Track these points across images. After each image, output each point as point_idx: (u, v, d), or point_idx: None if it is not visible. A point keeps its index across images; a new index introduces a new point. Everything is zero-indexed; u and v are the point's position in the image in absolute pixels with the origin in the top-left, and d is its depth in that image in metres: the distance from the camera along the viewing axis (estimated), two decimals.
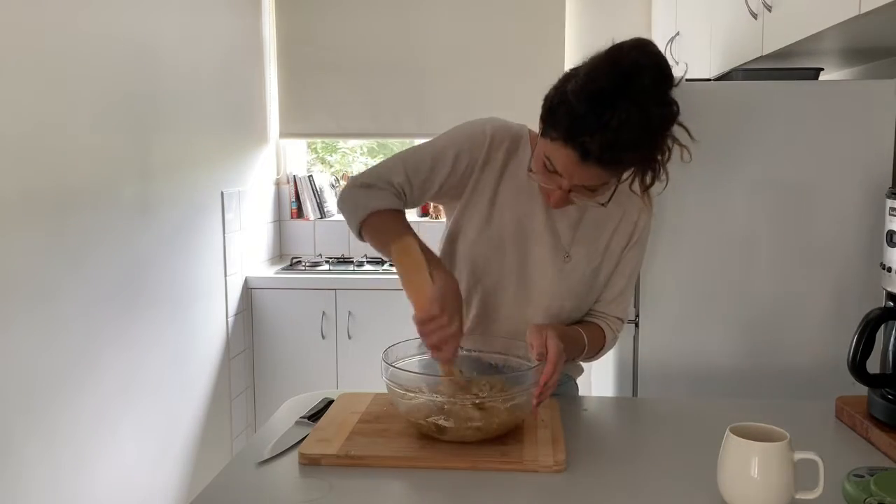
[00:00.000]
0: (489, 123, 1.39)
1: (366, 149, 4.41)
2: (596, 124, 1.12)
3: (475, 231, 1.38)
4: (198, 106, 2.92)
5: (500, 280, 1.39)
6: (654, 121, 1.15)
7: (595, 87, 1.13)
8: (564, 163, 1.18)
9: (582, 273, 1.39)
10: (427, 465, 1.13)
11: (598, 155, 1.14)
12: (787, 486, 0.95)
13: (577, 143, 1.14)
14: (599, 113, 1.11)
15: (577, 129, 1.14)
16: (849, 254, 2.03)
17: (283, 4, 3.70)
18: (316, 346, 3.33)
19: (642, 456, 1.21)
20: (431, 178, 1.35)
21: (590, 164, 1.16)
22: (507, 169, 1.37)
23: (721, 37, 2.44)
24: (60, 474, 2.11)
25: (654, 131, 1.16)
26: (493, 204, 1.38)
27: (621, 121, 1.11)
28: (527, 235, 1.38)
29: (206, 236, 3.00)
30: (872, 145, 2.00)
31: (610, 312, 1.46)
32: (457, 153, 1.35)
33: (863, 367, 1.24)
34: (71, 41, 2.15)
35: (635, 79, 1.12)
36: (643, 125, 1.13)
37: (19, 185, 1.95)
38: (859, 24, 1.61)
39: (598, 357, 1.48)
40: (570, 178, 1.21)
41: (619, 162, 1.17)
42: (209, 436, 3.00)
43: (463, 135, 1.37)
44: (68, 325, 2.14)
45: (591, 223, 1.40)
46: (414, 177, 1.35)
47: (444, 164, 1.35)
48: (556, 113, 1.18)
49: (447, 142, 1.37)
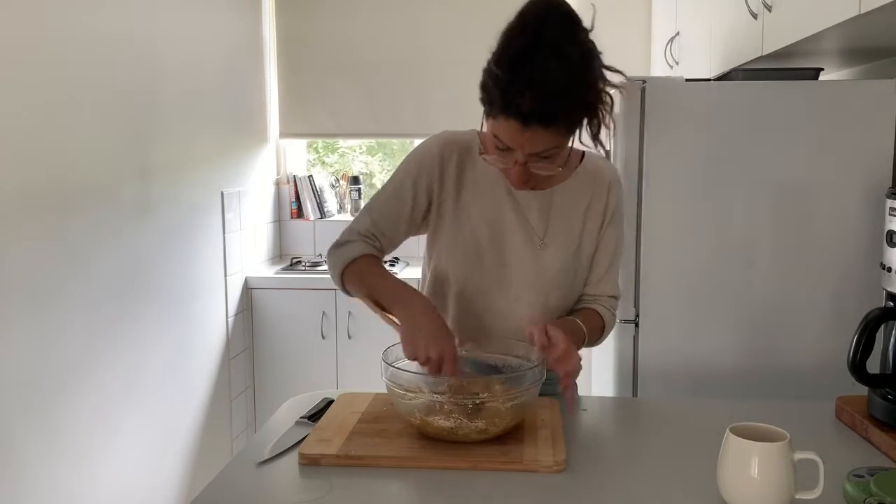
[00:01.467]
0: (436, 140, 1.42)
1: (365, 147, 4.41)
2: (523, 84, 1.15)
3: (449, 245, 1.41)
4: (198, 106, 2.92)
5: (483, 284, 1.41)
6: (575, 62, 1.18)
7: (511, 51, 1.17)
8: (510, 135, 1.21)
9: (562, 261, 1.40)
10: (427, 465, 1.13)
11: (534, 113, 1.16)
12: (787, 486, 0.95)
13: (512, 110, 1.17)
14: (522, 72, 1.15)
15: (508, 96, 1.16)
16: (849, 254, 2.03)
17: (283, 4, 3.70)
18: (316, 346, 3.33)
19: (642, 456, 1.21)
20: (397, 214, 1.41)
21: (532, 127, 1.18)
22: (464, 177, 1.41)
23: (721, 37, 2.44)
24: (61, 474, 2.11)
25: (578, 73, 1.18)
26: (459, 214, 1.41)
27: (544, 72, 1.14)
28: (500, 235, 1.40)
29: (206, 236, 3.00)
30: (872, 145, 2.00)
31: (601, 293, 1.47)
32: (413, 181, 1.40)
33: (863, 367, 1.24)
34: (71, 41, 2.15)
35: (544, 30, 1.16)
36: (565, 69, 1.16)
37: (19, 185, 1.95)
38: (859, 24, 1.61)
39: (601, 340, 1.48)
40: (521, 149, 1.23)
41: (556, 115, 1.18)
42: (209, 436, 3.00)
43: (413, 162, 1.42)
44: (68, 325, 2.14)
45: (560, 210, 1.41)
46: (379, 219, 1.41)
47: (404, 196, 1.40)
48: (487, 90, 1.21)
49: (402, 174, 1.42)
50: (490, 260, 1.40)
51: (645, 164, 2.06)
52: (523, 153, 1.23)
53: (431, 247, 1.46)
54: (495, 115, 1.21)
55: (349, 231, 1.43)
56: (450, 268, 1.41)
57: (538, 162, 1.25)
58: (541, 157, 1.24)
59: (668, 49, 3.06)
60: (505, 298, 1.41)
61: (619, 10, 3.60)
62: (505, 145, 1.23)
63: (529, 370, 1.22)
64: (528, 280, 1.40)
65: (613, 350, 2.14)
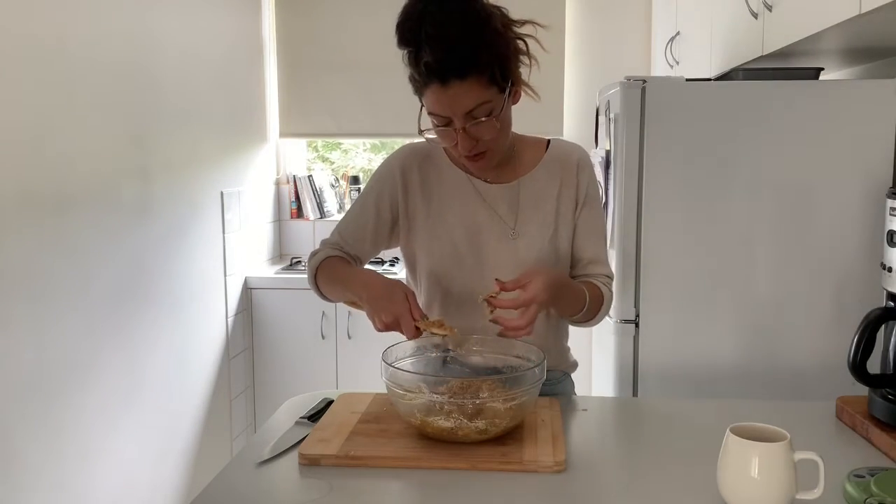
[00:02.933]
0: (396, 155, 1.49)
1: (368, 145, 4.41)
2: (425, 43, 1.21)
3: (426, 250, 1.44)
4: (198, 106, 2.92)
5: (465, 284, 1.42)
6: (466, 11, 1.22)
7: (406, 21, 1.23)
8: (437, 101, 1.25)
9: (539, 248, 1.41)
10: (427, 465, 1.13)
11: (444, 66, 1.21)
12: (788, 486, 0.95)
13: (429, 74, 1.23)
14: (418, 35, 1.22)
15: (423, 65, 1.23)
16: (849, 254, 2.03)
17: (283, 4, 3.70)
18: (316, 346, 3.33)
19: (642, 456, 1.21)
20: (362, 229, 1.48)
21: (451, 83, 1.22)
22: (430, 184, 1.45)
23: (721, 37, 2.44)
24: (61, 474, 2.11)
25: (471, 18, 1.22)
26: (433, 221, 1.43)
27: (436, 25, 1.20)
28: (476, 234, 1.42)
29: (206, 236, 2.99)
30: (872, 145, 2.00)
31: (593, 272, 1.46)
32: (376, 196, 1.47)
33: (863, 367, 1.24)
34: (71, 41, 2.15)
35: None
36: (457, 17, 1.21)
37: (19, 186, 1.95)
38: (859, 24, 1.61)
39: (599, 317, 1.45)
40: (454, 113, 1.26)
41: (464, 62, 1.21)
42: (209, 436, 3.00)
43: (376, 179, 1.49)
44: (68, 324, 2.14)
45: (530, 198, 1.43)
46: (345, 232, 1.49)
47: (367, 212, 1.47)
48: (412, 77, 1.29)
49: (367, 189, 1.50)
50: (470, 260, 1.42)
51: (645, 164, 2.06)
52: (458, 117, 1.26)
53: (409, 257, 1.49)
54: (422, 91, 1.27)
55: (321, 243, 1.51)
56: (432, 274, 1.43)
57: (477, 126, 1.28)
58: (475, 119, 1.27)
59: (668, 49, 3.06)
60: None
61: (619, 10, 3.60)
62: (443, 120, 1.28)
63: (529, 370, 1.22)
64: (508, 272, 1.39)
65: (613, 350, 2.14)
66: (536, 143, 1.48)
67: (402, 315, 1.24)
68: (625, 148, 2.07)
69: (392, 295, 1.28)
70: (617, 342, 2.13)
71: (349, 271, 1.42)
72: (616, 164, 2.10)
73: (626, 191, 2.08)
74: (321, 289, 1.46)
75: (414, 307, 1.26)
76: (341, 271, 1.43)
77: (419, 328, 1.25)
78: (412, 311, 1.25)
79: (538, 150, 1.46)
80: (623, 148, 2.08)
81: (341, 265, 1.44)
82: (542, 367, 1.22)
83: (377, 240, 1.49)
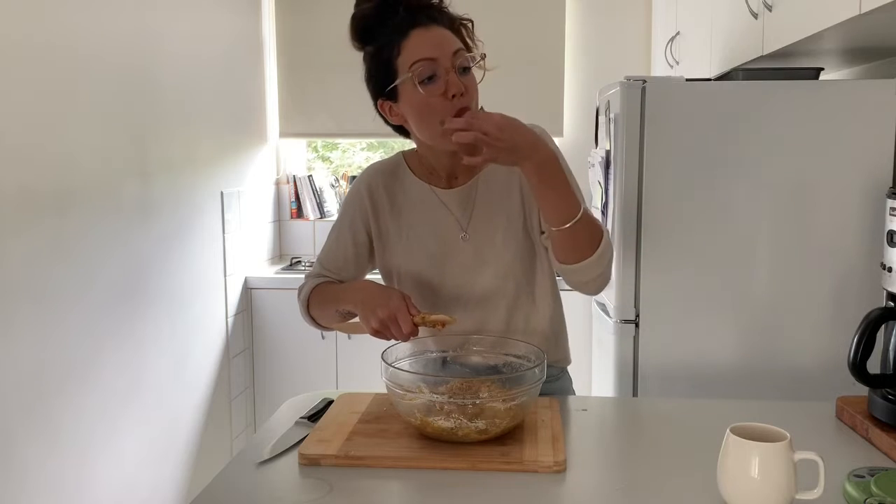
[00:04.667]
0: (361, 177, 1.49)
1: (366, 144, 4.41)
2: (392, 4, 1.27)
3: (404, 264, 1.43)
4: (197, 106, 2.92)
5: (453, 291, 1.41)
6: None
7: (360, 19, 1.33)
8: (424, 42, 1.26)
9: (515, 238, 1.39)
10: (427, 465, 1.12)
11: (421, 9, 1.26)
12: (788, 486, 0.95)
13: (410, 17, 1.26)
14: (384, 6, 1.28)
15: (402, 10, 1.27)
16: (849, 254, 2.03)
17: (283, 4, 3.70)
18: (316, 346, 3.33)
19: (642, 456, 1.21)
20: (341, 256, 1.48)
21: (432, 27, 1.26)
22: (396, 199, 1.45)
23: (721, 37, 2.44)
24: (61, 474, 2.11)
25: None
26: (406, 235, 1.43)
27: None
28: (445, 240, 1.41)
29: (206, 236, 2.99)
30: (872, 145, 2.00)
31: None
32: (350, 221, 1.48)
33: (863, 367, 1.24)
34: (71, 41, 2.15)
35: None
36: None
37: (19, 185, 1.95)
38: (859, 24, 1.61)
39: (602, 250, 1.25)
40: (442, 52, 1.26)
41: (438, 12, 1.28)
42: (209, 436, 3.00)
43: (347, 205, 1.50)
44: (68, 324, 2.14)
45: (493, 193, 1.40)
46: (326, 262, 1.50)
47: (344, 238, 1.48)
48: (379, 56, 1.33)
49: (340, 217, 1.51)
50: (448, 267, 1.41)
51: (645, 164, 2.06)
52: (446, 56, 1.26)
53: (387, 275, 1.48)
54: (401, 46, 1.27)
55: (306, 277, 1.52)
56: (412, 286, 1.43)
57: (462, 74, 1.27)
58: (461, 66, 1.27)
59: (668, 49, 3.06)
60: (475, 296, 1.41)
61: (619, 10, 3.60)
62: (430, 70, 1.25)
63: (529, 370, 1.22)
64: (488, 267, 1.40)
65: (613, 350, 2.15)
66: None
67: (399, 309, 1.24)
68: (625, 148, 2.07)
69: (389, 294, 1.28)
70: (617, 342, 2.13)
71: (341, 286, 1.45)
72: (616, 164, 2.10)
73: (626, 191, 2.08)
74: (314, 316, 1.48)
75: (411, 305, 1.26)
76: (333, 289, 1.44)
77: (416, 325, 1.24)
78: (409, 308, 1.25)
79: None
80: (623, 148, 2.08)
81: (331, 286, 1.46)
82: (542, 367, 1.22)
83: (359, 263, 1.49)
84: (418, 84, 1.26)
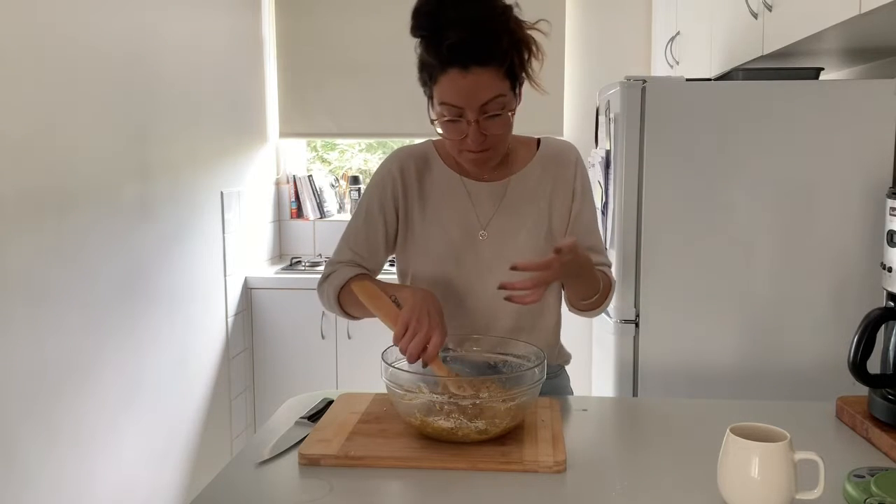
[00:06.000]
0: (392, 158, 1.47)
1: (364, 145, 4.41)
2: (448, 26, 1.20)
3: (423, 251, 1.43)
4: (197, 106, 2.92)
5: (466, 284, 1.42)
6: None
7: (424, 6, 1.25)
8: (454, 89, 1.23)
9: (535, 242, 1.41)
10: (427, 465, 1.13)
11: (467, 50, 1.20)
12: (788, 486, 0.95)
13: (451, 57, 1.21)
14: (441, 17, 1.22)
15: (445, 48, 1.21)
16: (849, 254, 2.03)
17: (283, 4, 3.70)
18: (316, 346, 3.33)
19: (642, 456, 1.21)
20: (374, 239, 1.45)
21: (472, 70, 1.21)
22: (425, 185, 1.45)
23: (721, 37, 2.44)
24: (61, 474, 2.11)
25: (491, 5, 1.24)
26: (429, 222, 1.43)
27: (457, 7, 1.21)
28: (472, 232, 1.42)
29: (206, 236, 2.99)
30: (872, 145, 2.00)
31: (595, 261, 1.43)
32: (380, 203, 1.45)
33: (863, 367, 1.24)
34: (70, 41, 2.15)
35: None
36: (476, 3, 1.22)
37: (19, 185, 1.95)
38: (859, 24, 1.61)
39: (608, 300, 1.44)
40: (469, 104, 1.24)
41: (488, 48, 1.22)
42: (209, 436, 3.00)
43: (375, 186, 1.46)
44: (68, 324, 2.14)
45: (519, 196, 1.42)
46: (357, 247, 1.46)
47: (375, 220, 1.45)
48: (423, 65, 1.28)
49: (368, 199, 1.47)
50: (467, 258, 1.42)
51: (645, 164, 2.06)
52: (473, 109, 1.24)
53: (404, 260, 1.48)
54: (436, 78, 1.25)
55: (331, 263, 1.48)
56: (429, 274, 1.43)
57: (488, 120, 1.27)
58: (488, 112, 1.26)
59: (668, 49, 3.06)
60: (487, 293, 1.41)
61: (619, 10, 3.60)
62: (454, 113, 1.25)
63: (529, 370, 1.22)
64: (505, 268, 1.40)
65: (613, 350, 2.15)
66: (527, 142, 1.48)
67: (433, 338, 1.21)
68: (625, 148, 2.07)
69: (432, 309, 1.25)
70: (617, 342, 2.13)
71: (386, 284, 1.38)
72: (616, 164, 2.10)
73: (626, 191, 2.08)
74: (346, 309, 1.43)
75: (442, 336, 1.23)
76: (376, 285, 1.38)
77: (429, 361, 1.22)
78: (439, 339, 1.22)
79: (529, 149, 1.46)
80: (623, 148, 2.08)
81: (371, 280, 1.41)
82: (542, 367, 1.22)
83: (388, 247, 1.47)
84: (441, 121, 1.29)
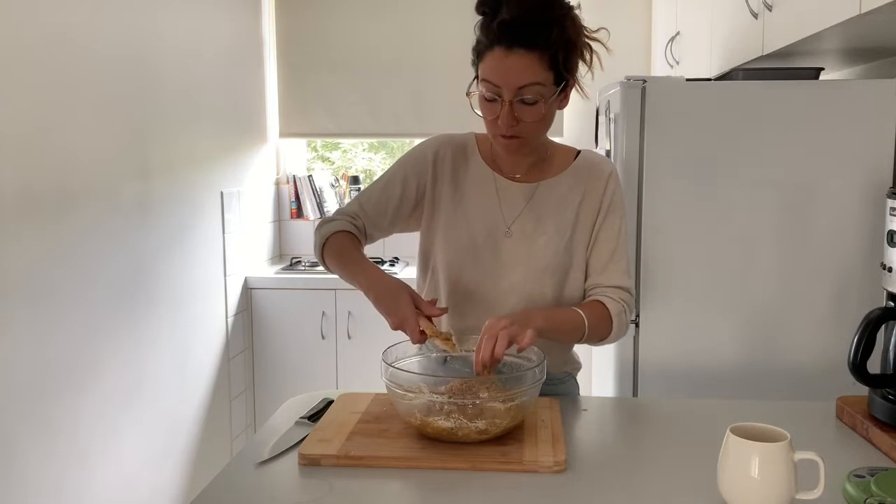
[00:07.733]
0: (432, 142, 1.49)
1: (367, 144, 4.41)
2: (504, 5, 1.23)
3: (444, 239, 1.44)
4: (198, 106, 2.92)
5: (475, 277, 1.42)
6: None
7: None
8: (495, 67, 1.25)
9: (555, 249, 1.41)
10: (427, 465, 1.13)
11: (517, 29, 1.22)
12: (788, 486, 0.95)
13: (499, 34, 1.23)
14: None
15: (496, 24, 1.23)
16: (849, 253, 2.03)
17: (283, 4, 3.70)
18: (316, 346, 3.33)
19: (642, 456, 1.21)
20: (384, 202, 1.47)
21: (515, 51, 1.23)
22: (459, 175, 1.46)
23: (721, 37, 2.44)
24: (61, 474, 2.11)
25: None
26: (454, 209, 1.44)
27: None
28: (495, 229, 1.42)
29: (206, 236, 2.99)
30: (872, 145, 2.00)
31: (604, 283, 1.42)
32: (404, 177, 1.47)
33: (863, 367, 1.24)
34: (70, 41, 2.15)
35: None
36: None
37: (19, 185, 1.95)
38: (859, 24, 1.61)
39: (613, 334, 1.41)
40: (507, 84, 1.26)
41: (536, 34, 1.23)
42: (209, 436, 3.00)
43: (409, 159, 1.49)
44: (68, 325, 2.14)
45: (549, 200, 1.43)
46: (366, 204, 1.48)
47: (393, 188, 1.47)
48: (477, 42, 1.29)
49: (395, 168, 1.49)
50: (485, 254, 1.42)
51: (645, 163, 2.06)
52: (509, 88, 1.26)
53: (426, 244, 1.49)
54: (483, 55, 1.27)
55: (337, 212, 1.51)
56: (445, 263, 1.44)
57: (522, 106, 1.28)
58: (524, 98, 1.27)
59: (668, 49, 3.06)
60: (499, 290, 1.42)
61: (619, 10, 3.60)
62: (493, 91, 1.27)
63: (529, 370, 1.22)
64: (521, 270, 1.41)
65: (613, 350, 2.14)
66: (567, 152, 1.48)
67: (407, 319, 1.26)
68: (625, 148, 2.07)
69: (398, 298, 1.29)
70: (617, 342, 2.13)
71: (357, 260, 1.41)
72: (616, 164, 2.10)
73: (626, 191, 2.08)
74: (326, 261, 1.46)
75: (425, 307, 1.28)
76: (350, 255, 1.42)
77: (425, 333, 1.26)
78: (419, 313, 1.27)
79: (567, 158, 1.46)
80: (623, 148, 2.08)
81: (351, 247, 1.44)
82: (542, 367, 1.22)
83: (396, 218, 1.48)
84: (480, 99, 1.31)
